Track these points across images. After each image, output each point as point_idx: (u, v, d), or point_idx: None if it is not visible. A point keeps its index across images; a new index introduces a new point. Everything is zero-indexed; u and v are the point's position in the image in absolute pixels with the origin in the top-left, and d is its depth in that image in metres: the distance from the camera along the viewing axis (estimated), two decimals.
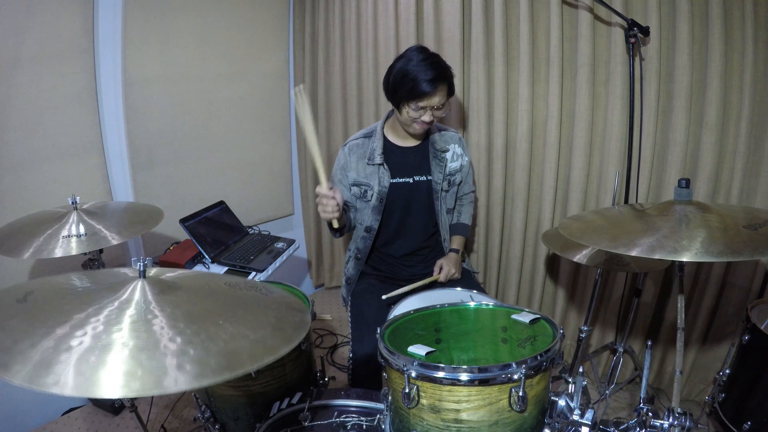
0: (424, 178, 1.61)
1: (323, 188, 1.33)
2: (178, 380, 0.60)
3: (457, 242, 1.70)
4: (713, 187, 1.57)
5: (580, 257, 1.59)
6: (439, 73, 1.42)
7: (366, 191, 1.59)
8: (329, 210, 1.35)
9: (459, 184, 1.70)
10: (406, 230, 1.65)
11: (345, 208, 1.51)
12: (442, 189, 1.62)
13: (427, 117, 1.47)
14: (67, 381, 0.57)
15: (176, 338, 0.66)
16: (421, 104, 1.44)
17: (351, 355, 1.43)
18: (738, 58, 1.47)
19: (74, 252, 1.28)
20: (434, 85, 1.41)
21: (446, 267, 1.59)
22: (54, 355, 0.60)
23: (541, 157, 1.88)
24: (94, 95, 1.85)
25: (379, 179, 1.57)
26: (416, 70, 1.41)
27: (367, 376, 1.36)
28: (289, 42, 2.62)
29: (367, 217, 1.62)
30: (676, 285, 1.01)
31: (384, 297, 1.45)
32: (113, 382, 0.58)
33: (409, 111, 1.46)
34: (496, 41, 1.83)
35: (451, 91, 1.50)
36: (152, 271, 0.84)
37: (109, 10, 1.81)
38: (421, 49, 1.47)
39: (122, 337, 0.64)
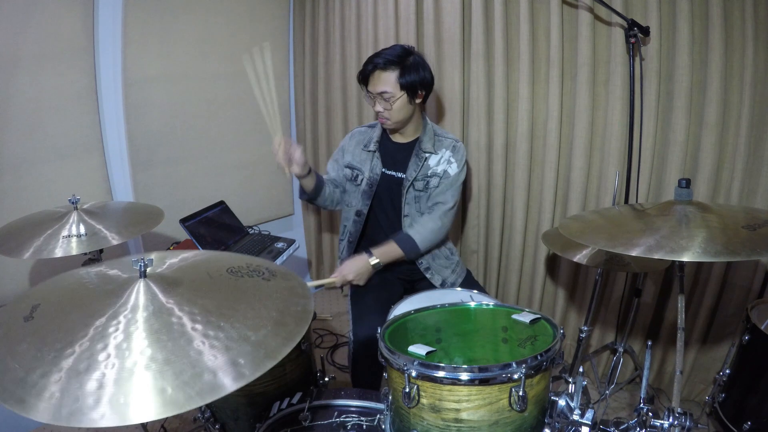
0: (402, 174, 1.61)
1: (274, 144, 1.44)
2: (178, 400, 0.59)
3: (381, 252, 1.53)
4: (713, 187, 1.57)
5: (581, 257, 1.59)
6: (381, 60, 1.47)
7: (357, 175, 1.65)
8: (281, 157, 1.46)
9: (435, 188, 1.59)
10: (389, 221, 1.67)
11: (318, 176, 1.60)
12: (412, 186, 1.58)
13: (378, 106, 1.51)
14: (84, 413, 0.56)
15: (186, 351, 0.65)
16: (366, 88, 1.52)
17: (351, 337, 1.43)
18: (738, 58, 1.47)
19: (74, 252, 1.27)
20: (372, 67, 1.48)
21: (344, 270, 1.48)
22: (66, 385, 0.59)
23: (541, 157, 1.88)
24: (94, 95, 1.85)
25: (371, 166, 1.62)
26: (370, 56, 1.51)
27: (367, 360, 1.35)
28: (289, 42, 2.62)
29: (356, 201, 1.67)
30: (676, 285, 1.01)
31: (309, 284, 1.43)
32: (131, 408, 0.57)
33: (367, 99, 1.55)
34: (496, 41, 1.83)
35: (407, 88, 1.47)
36: (152, 255, 0.84)
37: (109, 10, 1.81)
38: (395, 45, 1.56)
39: (131, 358, 0.63)
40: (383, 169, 1.62)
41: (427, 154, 1.59)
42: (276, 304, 0.80)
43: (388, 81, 1.48)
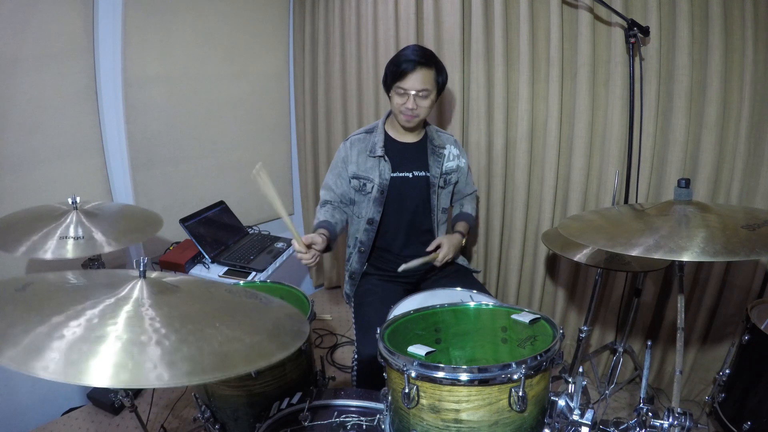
0: (422, 173, 1.64)
1: (297, 244, 1.38)
2: (167, 376, 0.60)
3: (462, 227, 1.71)
4: (713, 187, 1.57)
5: (581, 256, 1.59)
6: (422, 58, 1.47)
7: (365, 184, 1.61)
8: (308, 262, 1.41)
9: (455, 184, 1.72)
10: (405, 226, 1.66)
11: (329, 225, 1.54)
12: (438, 185, 1.64)
13: (410, 103, 1.49)
14: (55, 367, 0.57)
15: (171, 336, 0.66)
16: (401, 85, 1.48)
17: (356, 356, 1.43)
18: (738, 58, 1.47)
19: (69, 255, 1.24)
20: (413, 65, 1.46)
21: (445, 247, 1.58)
22: (46, 341, 0.60)
23: (541, 157, 1.88)
24: (94, 95, 1.85)
25: (380, 172, 1.60)
26: (402, 54, 1.50)
27: (373, 377, 1.35)
28: (289, 42, 2.62)
29: (366, 210, 1.64)
30: (676, 285, 1.01)
31: (400, 269, 1.48)
32: (102, 371, 0.58)
33: (395, 96, 1.52)
34: (496, 41, 1.83)
35: (438, 86, 1.54)
36: (154, 275, 0.85)
37: (109, 10, 1.81)
38: (417, 45, 1.56)
39: (116, 330, 0.64)
40: (392, 173, 1.60)
41: (442, 150, 1.65)
42: (272, 320, 0.82)
43: (429, 78, 1.49)
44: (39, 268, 1.77)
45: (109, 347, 0.61)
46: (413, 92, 1.48)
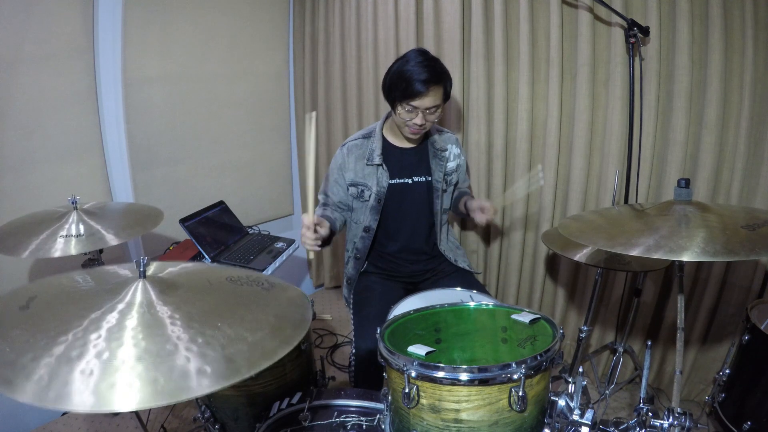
0: (423, 178, 1.62)
1: (308, 219, 1.33)
2: (178, 391, 0.60)
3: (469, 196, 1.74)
4: (713, 187, 1.57)
5: (581, 256, 1.59)
6: (434, 75, 1.42)
7: (363, 191, 1.59)
8: (309, 243, 1.35)
9: (455, 184, 1.72)
10: (404, 231, 1.65)
11: (330, 220, 1.52)
12: (441, 189, 1.63)
13: (418, 119, 1.46)
14: (71, 397, 0.57)
15: (177, 344, 0.66)
16: (413, 104, 1.44)
17: (353, 350, 1.43)
18: (738, 58, 1.47)
19: (73, 252, 1.27)
20: (427, 85, 1.41)
21: (486, 203, 1.55)
22: (56, 369, 0.60)
23: (541, 157, 1.88)
24: (94, 95, 1.86)
25: (378, 180, 1.57)
26: (412, 71, 1.42)
27: (370, 372, 1.35)
28: (289, 42, 2.62)
29: (364, 217, 1.62)
30: (676, 285, 1.01)
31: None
32: (115, 396, 0.58)
33: (402, 112, 1.47)
34: (496, 41, 1.83)
35: (446, 96, 1.49)
36: (152, 267, 0.84)
37: (109, 10, 1.82)
38: (421, 52, 1.48)
39: (123, 348, 0.64)
40: (390, 181, 1.58)
41: (443, 153, 1.62)
42: (274, 311, 0.81)
43: (440, 94, 1.45)
44: (41, 268, 1.77)
45: (118, 370, 0.61)
46: (423, 109, 1.45)
